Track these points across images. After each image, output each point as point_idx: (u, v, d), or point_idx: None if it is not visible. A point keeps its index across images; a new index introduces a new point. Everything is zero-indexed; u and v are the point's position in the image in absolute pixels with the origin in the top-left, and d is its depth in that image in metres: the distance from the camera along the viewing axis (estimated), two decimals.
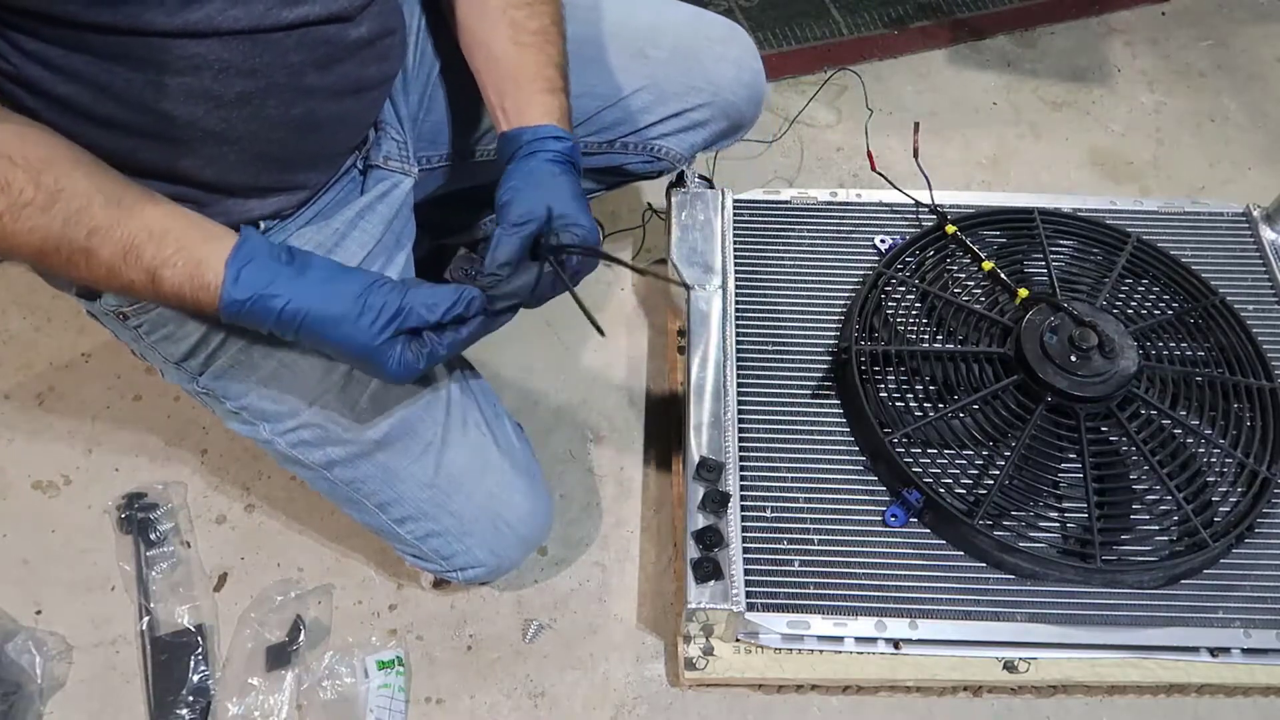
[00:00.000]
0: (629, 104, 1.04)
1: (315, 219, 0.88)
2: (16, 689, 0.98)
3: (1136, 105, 1.65)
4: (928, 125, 1.23)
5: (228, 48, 0.70)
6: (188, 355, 0.86)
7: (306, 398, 0.87)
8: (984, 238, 1.17)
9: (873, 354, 1.05)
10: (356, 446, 0.88)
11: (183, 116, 0.72)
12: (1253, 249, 1.20)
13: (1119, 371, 1.00)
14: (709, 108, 1.07)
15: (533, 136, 0.84)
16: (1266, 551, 0.98)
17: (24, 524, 1.13)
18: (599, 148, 1.07)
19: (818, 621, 0.93)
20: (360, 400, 0.87)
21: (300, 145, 0.82)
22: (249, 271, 0.71)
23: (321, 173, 0.87)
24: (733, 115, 1.10)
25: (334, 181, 0.89)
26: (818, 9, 1.77)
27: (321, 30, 0.75)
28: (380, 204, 0.93)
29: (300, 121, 0.79)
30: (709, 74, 1.06)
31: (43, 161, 0.67)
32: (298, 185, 0.85)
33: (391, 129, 0.94)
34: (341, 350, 0.74)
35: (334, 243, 0.89)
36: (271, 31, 0.72)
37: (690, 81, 1.05)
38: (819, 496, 1.00)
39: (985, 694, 1.02)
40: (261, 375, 0.86)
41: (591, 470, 1.19)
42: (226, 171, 0.79)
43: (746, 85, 1.09)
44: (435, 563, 0.94)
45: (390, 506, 0.90)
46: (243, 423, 0.90)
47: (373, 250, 0.91)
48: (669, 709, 1.02)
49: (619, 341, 1.30)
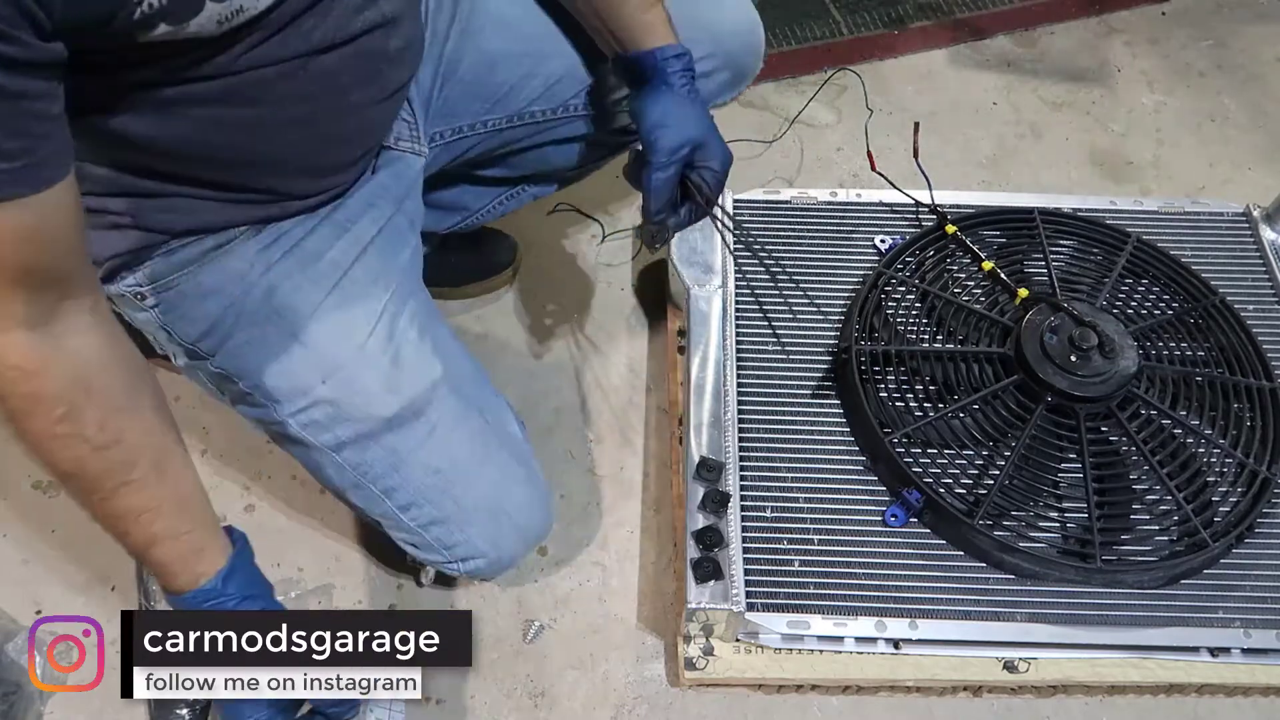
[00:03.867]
0: None
1: (331, 202, 0.90)
2: (16, 689, 0.98)
3: (1136, 105, 1.65)
4: (928, 125, 1.23)
5: (283, 78, 0.72)
6: (203, 335, 0.87)
7: (320, 374, 0.87)
8: (984, 238, 1.17)
9: (873, 354, 1.05)
10: (366, 425, 0.88)
11: (239, 142, 0.75)
12: (1253, 249, 1.20)
13: (1119, 371, 1.00)
14: (711, 59, 1.07)
15: (662, 57, 0.89)
16: (1266, 551, 0.98)
17: (24, 524, 1.13)
18: (608, 107, 1.07)
19: (818, 621, 0.93)
20: (372, 381, 0.88)
21: (346, 152, 0.86)
22: (236, 579, 0.79)
23: (358, 169, 0.90)
24: (734, 65, 1.11)
25: None
26: (818, 9, 1.77)
27: (368, 44, 0.77)
28: (392, 184, 0.94)
29: (348, 133, 0.83)
30: (707, 26, 1.07)
31: (113, 403, 0.69)
32: (338, 186, 0.89)
33: (403, 110, 0.95)
34: None
35: (347, 219, 0.90)
36: (326, 52, 0.73)
37: (691, 34, 1.06)
38: (819, 496, 1.00)
39: (985, 694, 1.02)
40: (275, 351, 0.87)
41: (591, 470, 1.19)
42: (276, 184, 0.82)
43: (746, 32, 1.11)
44: (437, 553, 0.94)
45: (395, 492, 0.91)
46: (253, 405, 0.90)
47: (384, 228, 0.92)
48: (669, 709, 1.02)
49: (619, 341, 1.30)
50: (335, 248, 0.89)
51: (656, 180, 0.86)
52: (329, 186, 0.88)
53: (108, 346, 0.69)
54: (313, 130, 0.79)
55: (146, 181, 0.77)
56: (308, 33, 0.71)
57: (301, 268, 0.88)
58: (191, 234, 0.84)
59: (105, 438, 0.69)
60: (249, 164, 0.79)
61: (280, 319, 0.86)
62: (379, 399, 0.88)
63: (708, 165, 0.89)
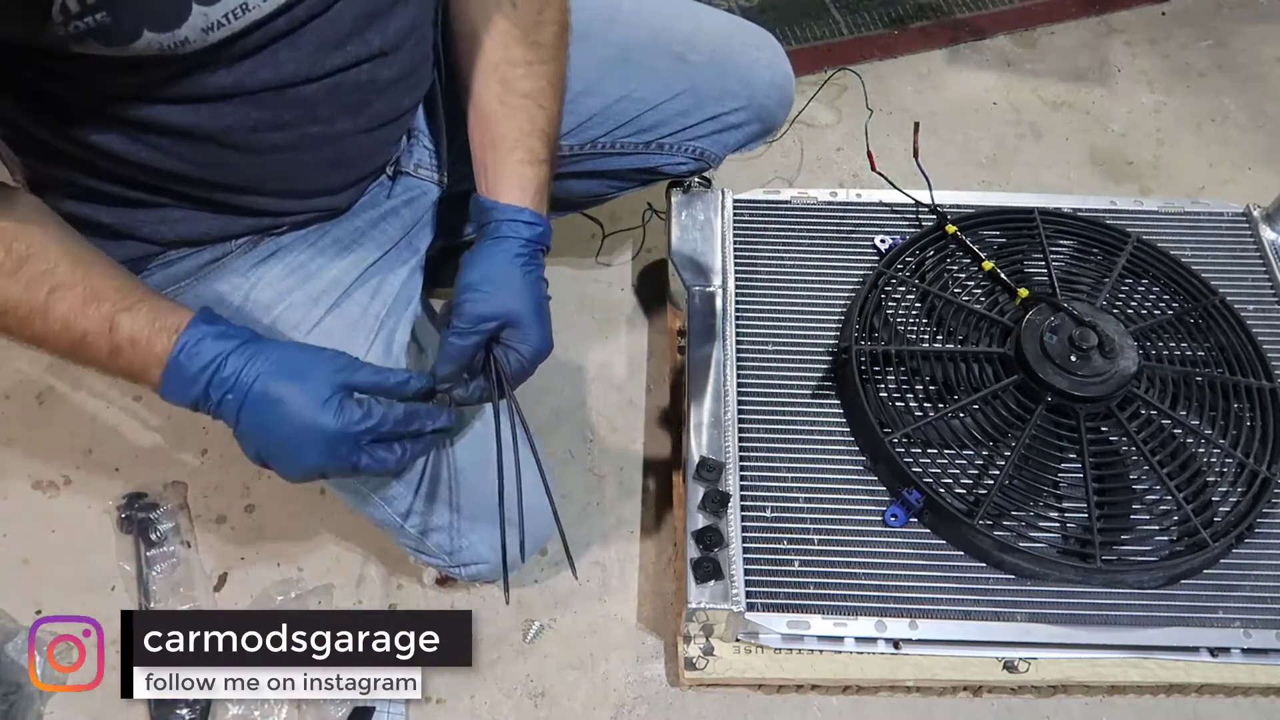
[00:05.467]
0: (669, 108, 1.06)
1: (327, 219, 0.90)
2: (16, 689, 0.98)
3: (1136, 105, 1.65)
4: (928, 125, 1.23)
5: (257, 107, 0.71)
6: None
7: None
8: (984, 238, 1.17)
9: (873, 354, 1.05)
10: None
11: (215, 164, 0.74)
12: (1253, 249, 1.20)
13: (1119, 371, 1.00)
14: (744, 111, 1.09)
15: (503, 217, 0.83)
16: (1266, 551, 0.98)
17: (24, 524, 1.13)
18: (637, 149, 1.08)
19: (818, 621, 0.93)
20: None
21: (334, 178, 0.84)
22: (217, 326, 0.70)
23: (353, 194, 0.89)
24: (765, 118, 1.12)
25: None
26: (818, 9, 1.77)
27: (353, 77, 0.75)
28: (405, 210, 0.94)
29: (332, 160, 0.81)
30: (744, 78, 1.08)
31: (16, 230, 0.66)
32: (330, 208, 0.88)
33: (424, 137, 0.96)
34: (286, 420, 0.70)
35: (351, 239, 0.90)
36: (303, 84, 0.72)
37: (726, 86, 1.07)
38: (819, 496, 1.00)
39: (985, 694, 1.02)
40: None
41: (591, 470, 1.19)
42: (257, 203, 0.81)
43: (779, 88, 1.11)
44: (438, 558, 0.94)
45: (394, 499, 0.91)
46: None
47: (388, 252, 0.92)
48: (669, 709, 1.02)
49: (619, 341, 1.30)
50: (336, 266, 0.89)
51: (450, 345, 0.78)
52: (319, 208, 0.87)
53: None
54: (292, 155, 0.77)
55: (134, 193, 0.77)
56: (281, 63, 0.70)
57: (301, 284, 0.87)
58: (185, 245, 0.84)
59: (15, 259, 0.66)
60: (225, 184, 0.78)
61: (277, 334, 0.86)
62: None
63: (515, 347, 0.81)
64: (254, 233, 0.86)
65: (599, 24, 1.00)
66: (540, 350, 0.82)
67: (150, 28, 0.60)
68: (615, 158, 1.07)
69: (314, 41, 0.71)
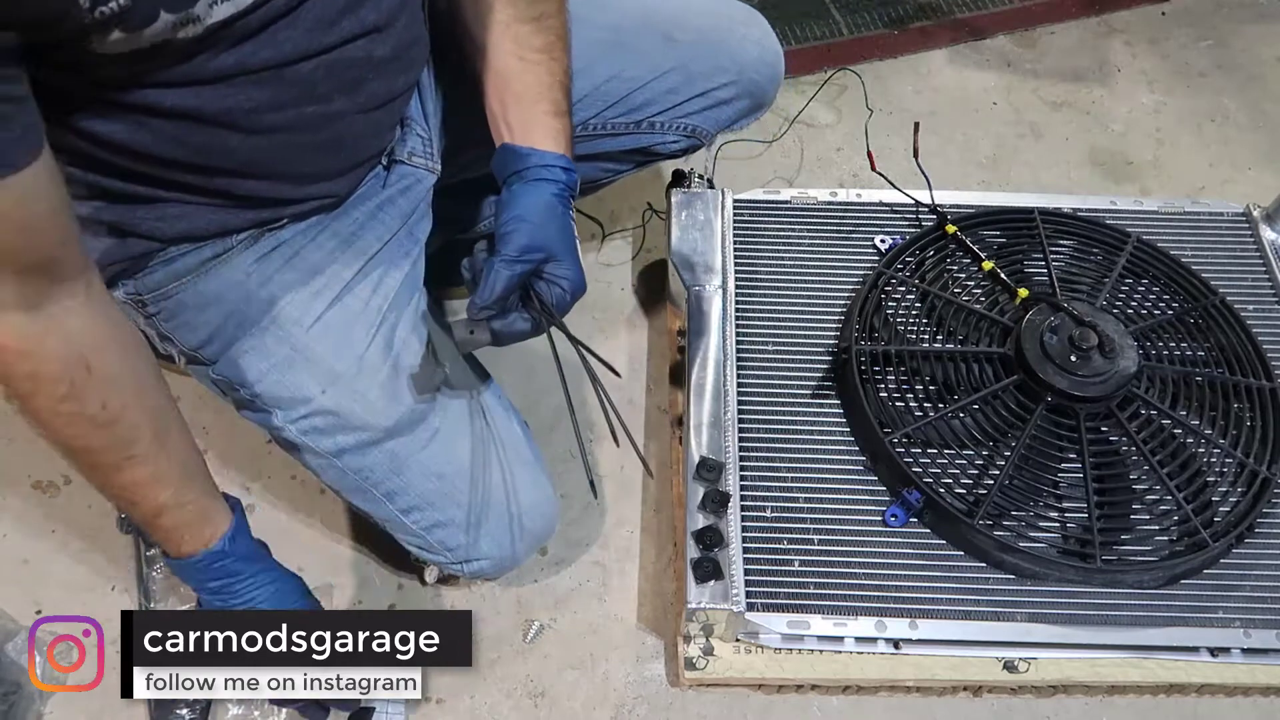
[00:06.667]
0: (658, 86, 1.06)
1: (336, 212, 0.90)
2: (16, 689, 0.98)
3: (1136, 105, 1.65)
4: (928, 125, 1.23)
5: (258, 86, 0.72)
6: (203, 343, 0.87)
7: (320, 384, 0.87)
8: (984, 238, 1.17)
9: (873, 354, 1.05)
10: (367, 433, 0.89)
11: (215, 147, 0.74)
12: (1253, 249, 1.20)
13: (1119, 371, 1.00)
14: (734, 86, 1.10)
15: (541, 162, 0.85)
16: (1266, 551, 0.98)
17: (24, 524, 1.13)
18: (628, 128, 1.09)
19: (818, 621, 0.93)
20: (372, 390, 0.88)
21: (332, 161, 0.85)
22: (238, 545, 0.82)
23: (350, 180, 0.89)
24: (755, 93, 1.12)
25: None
26: (818, 9, 1.77)
27: (349, 53, 0.76)
28: (401, 199, 0.94)
29: (330, 142, 0.81)
30: (734, 55, 1.09)
31: (113, 381, 0.70)
32: (328, 194, 0.88)
33: (418, 125, 0.96)
34: None
35: (351, 232, 0.90)
36: (301, 62, 0.73)
37: (716, 62, 1.08)
38: (819, 496, 1.00)
39: (985, 694, 1.02)
40: (275, 362, 0.87)
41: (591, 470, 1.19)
42: (257, 189, 0.81)
43: (769, 65, 1.12)
44: (441, 555, 0.94)
45: (397, 496, 0.91)
46: (255, 410, 0.90)
47: (388, 243, 0.92)
48: (669, 709, 1.02)
49: (619, 341, 1.30)
50: (338, 260, 0.89)
51: (498, 272, 0.78)
52: (318, 194, 0.87)
53: (105, 326, 0.70)
54: (290, 137, 0.78)
55: (134, 187, 0.77)
56: (280, 42, 0.70)
57: (303, 279, 0.88)
58: (185, 240, 0.84)
59: (108, 415, 0.70)
60: (225, 170, 0.78)
61: (280, 329, 0.86)
62: (379, 408, 0.88)
63: (558, 281, 0.83)
64: (254, 226, 0.86)
65: (589, 7, 1.00)
66: (579, 286, 0.85)
67: (166, 8, 0.61)
68: (607, 139, 1.07)
69: (311, 19, 0.71)
